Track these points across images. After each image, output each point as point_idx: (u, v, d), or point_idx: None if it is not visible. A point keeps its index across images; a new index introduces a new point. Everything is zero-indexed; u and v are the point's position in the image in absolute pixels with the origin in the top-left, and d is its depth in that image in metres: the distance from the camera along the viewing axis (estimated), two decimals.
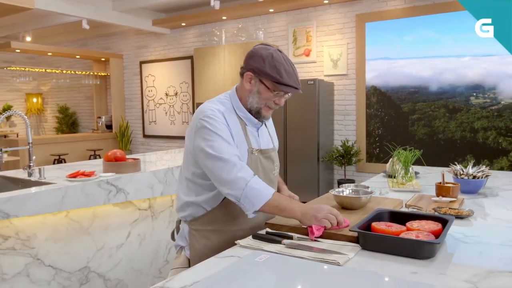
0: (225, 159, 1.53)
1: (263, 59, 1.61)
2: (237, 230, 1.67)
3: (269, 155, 1.75)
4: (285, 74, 1.60)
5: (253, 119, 1.69)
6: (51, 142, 7.62)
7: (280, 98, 1.67)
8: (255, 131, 1.72)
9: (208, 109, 1.62)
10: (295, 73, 1.63)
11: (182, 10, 7.56)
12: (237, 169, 1.52)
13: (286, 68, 1.60)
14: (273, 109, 1.70)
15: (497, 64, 5.16)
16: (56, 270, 2.56)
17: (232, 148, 1.57)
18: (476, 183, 2.18)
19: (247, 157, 1.65)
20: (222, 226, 1.68)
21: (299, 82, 1.64)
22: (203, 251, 1.65)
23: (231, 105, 1.69)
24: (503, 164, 5.15)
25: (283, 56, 1.64)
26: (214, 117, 1.59)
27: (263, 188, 1.53)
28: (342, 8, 6.14)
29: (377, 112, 6.00)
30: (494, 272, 1.19)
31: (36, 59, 10.29)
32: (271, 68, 1.59)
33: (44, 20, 7.64)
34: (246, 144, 1.66)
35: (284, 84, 1.60)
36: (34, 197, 2.41)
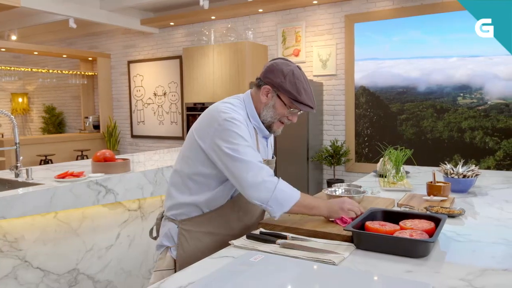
0: (252, 162, 1.53)
1: (284, 75, 1.62)
2: (229, 235, 1.64)
3: (272, 166, 1.77)
4: (303, 92, 1.62)
5: (265, 130, 1.71)
6: (37, 143, 7.51)
7: (294, 115, 1.69)
8: (264, 141, 1.75)
9: (231, 111, 1.60)
10: (312, 92, 1.66)
11: (171, 9, 7.52)
12: (265, 172, 1.54)
13: (305, 87, 1.63)
14: (285, 125, 1.72)
15: (483, 64, 5.23)
16: (44, 272, 2.51)
17: (256, 153, 1.59)
18: (466, 182, 2.20)
19: None
20: (215, 229, 1.66)
21: (314, 102, 1.66)
22: (193, 253, 1.62)
23: (245, 111, 1.69)
24: (489, 164, 5.22)
25: (302, 74, 1.66)
26: (238, 121, 1.58)
27: (291, 190, 1.57)
28: (331, 9, 6.16)
29: (366, 112, 6.04)
30: (488, 270, 1.20)
31: (22, 58, 10.13)
32: (291, 85, 1.61)
33: (30, 19, 7.53)
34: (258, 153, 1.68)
35: (301, 102, 1.62)
36: (22, 198, 2.37)
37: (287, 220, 1.62)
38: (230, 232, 1.66)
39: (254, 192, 1.51)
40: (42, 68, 8.57)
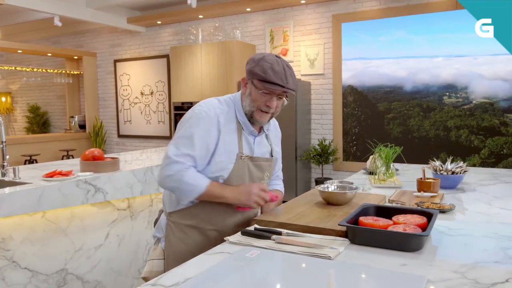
0: (170, 158, 1.60)
1: (255, 61, 1.65)
2: (212, 230, 1.69)
3: (259, 164, 1.75)
4: (271, 72, 1.59)
5: (250, 126, 1.71)
6: (22, 143, 7.39)
7: (271, 100, 1.65)
8: (251, 138, 1.74)
9: (206, 106, 1.67)
10: (286, 73, 1.62)
11: (158, 8, 7.47)
12: (177, 166, 1.59)
13: (275, 67, 1.60)
14: (268, 114, 1.68)
15: (469, 64, 5.31)
16: (32, 273, 2.48)
17: (191, 150, 1.61)
18: (455, 178, 2.24)
19: (235, 161, 1.67)
20: (198, 223, 1.70)
21: (288, 82, 1.61)
22: (177, 245, 1.69)
23: (234, 107, 1.72)
24: (475, 161, 5.31)
25: (277, 59, 1.64)
26: (205, 114, 1.63)
27: (197, 182, 1.60)
28: (318, 8, 6.20)
29: (353, 111, 6.08)
30: (480, 263, 1.22)
31: (5, 57, 9.94)
32: (259, 67, 1.62)
33: (14, 16, 7.40)
34: (237, 148, 1.68)
35: (269, 81, 1.60)
36: (9, 198, 2.33)
37: (282, 216, 1.62)
38: (213, 227, 1.70)
39: (164, 183, 1.63)
40: (26, 67, 8.43)
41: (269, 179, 1.84)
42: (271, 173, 1.84)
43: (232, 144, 1.67)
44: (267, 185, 1.68)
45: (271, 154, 1.85)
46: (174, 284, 1.09)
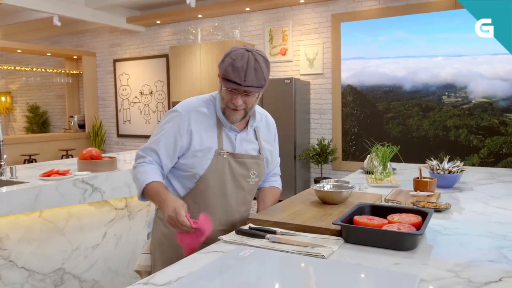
0: (138, 152, 1.68)
1: (224, 56, 1.60)
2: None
3: (242, 161, 1.70)
4: (230, 69, 1.53)
5: (227, 123, 1.66)
6: (21, 142, 7.39)
7: (236, 98, 1.58)
8: (232, 135, 1.69)
9: (184, 104, 1.69)
10: (247, 70, 1.52)
11: (157, 7, 7.47)
12: (139, 160, 1.66)
13: (236, 64, 1.52)
14: (239, 111, 1.61)
15: (468, 64, 5.31)
16: (29, 272, 2.48)
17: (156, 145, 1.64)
18: (452, 177, 2.23)
19: (213, 157, 1.63)
20: None
21: (246, 79, 1.52)
22: (161, 240, 1.70)
23: (213, 105, 1.69)
24: (474, 161, 5.30)
25: (244, 54, 1.55)
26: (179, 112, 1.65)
27: (142, 178, 1.60)
28: (318, 8, 6.19)
29: (352, 111, 6.08)
30: (474, 262, 1.21)
31: (5, 57, 9.94)
32: (222, 64, 1.58)
33: (14, 16, 7.40)
34: (216, 144, 1.65)
35: (226, 78, 1.55)
36: (6, 197, 2.33)
37: (276, 215, 1.62)
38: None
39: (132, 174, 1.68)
40: (26, 67, 8.44)
41: (258, 178, 1.77)
42: (260, 172, 1.77)
43: (209, 140, 1.64)
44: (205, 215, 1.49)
45: (259, 152, 1.77)
46: (166, 283, 1.09)
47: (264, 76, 1.57)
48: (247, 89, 1.55)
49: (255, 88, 1.56)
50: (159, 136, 1.65)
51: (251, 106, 1.63)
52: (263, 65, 1.57)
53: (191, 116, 1.64)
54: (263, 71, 1.56)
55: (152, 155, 1.64)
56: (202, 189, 1.65)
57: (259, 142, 1.78)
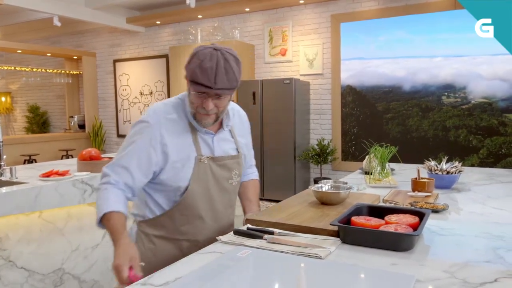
0: (104, 170, 1.49)
1: (190, 57, 1.46)
2: (183, 240, 1.57)
3: (223, 163, 1.60)
4: (198, 70, 1.40)
5: (201, 128, 1.55)
6: (21, 142, 7.40)
7: (206, 101, 1.45)
8: (208, 138, 1.58)
9: (150, 113, 1.52)
10: (217, 71, 1.40)
11: (157, 8, 7.48)
12: (103, 179, 1.48)
13: (204, 64, 1.39)
14: (210, 115, 1.49)
15: (467, 64, 5.32)
16: (29, 272, 2.48)
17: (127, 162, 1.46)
18: (450, 178, 2.24)
19: (194, 165, 1.52)
20: (168, 234, 1.57)
21: (217, 82, 1.40)
22: (148, 256, 1.56)
23: (183, 109, 1.56)
24: (473, 161, 5.31)
25: (213, 53, 1.42)
26: (146, 123, 1.49)
27: (102, 206, 1.42)
28: (317, 8, 6.20)
29: (352, 111, 6.09)
30: (470, 262, 1.22)
31: (5, 57, 9.94)
32: (189, 65, 1.44)
33: (14, 16, 7.41)
34: (195, 151, 1.53)
35: (194, 81, 1.42)
36: (6, 197, 2.34)
37: (274, 216, 1.62)
38: (184, 237, 1.57)
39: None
40: (26, 67, 8.45)
41: (239, 177, 1.69)
42: (240, 170, 1.69)
43: (186, 148, 1.52)
44: (140, 271, 1.30)
45: (237, 150, 1.68)
46: (164, 283, 1.10)
47: (235, 77, 1.45)
48: (218, 92, 1.42)
49: (227, 90, 1.44)
50: (129, 151, 1.48)
51: (223, 109, 1.51)
52: (234, 65, 1.44)
53: (162, 125, 1.49)
54: (235, 72, 1.44)
55: (122, 173, 1.46)
56: (188, 200, 1.53)
57: (235, 140, 1.69)
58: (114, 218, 1.39)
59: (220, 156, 1.60)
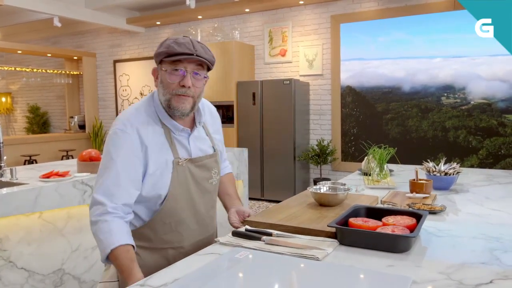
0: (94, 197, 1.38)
1: (160, 44, 1.47)
2: (168, 248, 1.51)
3: (202, 164, 1.55)
4: (175, 45, 1.41)
5: (178, 125, 1.49)
6: (21, 143, 7.41)
7: (185, 78, 1.42)
8: (184, 139, 1.52)
9: (122, 122, 1.44)
10: (193, 43, 1.42)
11: (157, 8, 7.49)
12: (98, 211, 1.36)
13: (179, 40, 1.41)
14: (188, 97, 1.44)
15: (467, 65, 5.33)
16: (29, 273, 2.49)
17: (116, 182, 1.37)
18: (448, 179, 2.25)
19: (173, 169, 1.46)
20: (151, 244, 1.50)
21: (197, 50, 1.41)
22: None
23: (154, 109, 1.49)
24: (473, 162, 5.32)
25: (184, 36, 1.46)
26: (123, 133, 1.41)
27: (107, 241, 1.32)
28: (317, 9, 6.21)
29: (352, 112, 6.10)
30: (467, 264, 1.23)
31: (5, 57, 9.96)
32: (162, 47, 1.44)
33: (14, 17, 7.43)
34: (172, 155, 1.47)
35: (174, 53, 1.40)
36: (6, 198, 2.35)
37: (273, 217, 1.63)
38: (168, 245, 1.51)
39: (91, 227, 1.40)
40: (26, 67, 8.46)
41: (218, 175, 1.65)
42: (219, 168, 1.65)
43: (163, 152, 1.46)
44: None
45: (213, 148, 1.64)
46: (162, 285, 1.11)
47: (211, 53, 1.48)
48: (200, 59, 1.41)
49: (207, 60, 1.44)
50: (115, 168, 1.38)
51: (199, 92, 1.48)
52: (206, 47, 1.49)
53: (139, 130, 1.43)
54: (209, 49, 1.48)
55: (116, 193, 1.37)
56: (169, 207, 1.47)
57: (210, 138, 1.64)
58: (122, 253, 1.31)
59: (198, 157, 1.55)
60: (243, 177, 4.44)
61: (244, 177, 4.49)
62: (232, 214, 1.68)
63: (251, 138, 6.17)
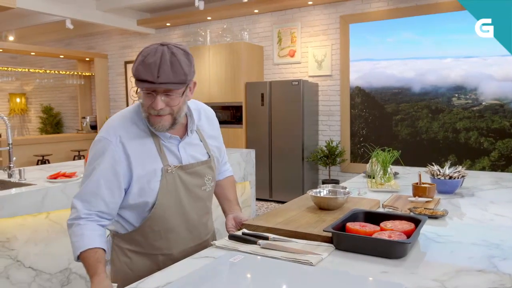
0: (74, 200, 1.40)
1: (136, 57, 1.36)
2: (159, 254, 1.51)
3: (194, 171, 1.51)
4: (141, 67, 1.30)
5: (165, 133, 1.44)
6: (35, 143, 7.53)
7: (155, 101, 1.34)
8: (174, 146, 1.48)
9: (107, 129, 1.42)
10: (161, 65, 1.30)
11: (167, 10, 7.54)
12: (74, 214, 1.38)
13: (147, 60, 1.30)
14: (163, 116, 1.37)
15: (478, 65, 5.25)
16: (36, 272, 2.53)
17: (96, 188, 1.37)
18: (453, 183, 2.22)
19: (161, 177, 1.43)
20: (141, 249, 1.50)
21: (160, 76, 1.29)
22: (124, 270, 1.51)
23: (142, 118, 1.44)
24: (484, 164, 5.24)
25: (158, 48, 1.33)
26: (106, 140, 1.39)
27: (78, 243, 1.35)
28: (326, 9, 6.18)
29: (361, 113, 6.06)
30: (463, 271, 1.21)
31: (19, 59, 10.14)
32: (135, 61, 1.34)
33: (27, 20, 7.55)
34: (161, 163, 1.43)
35: (138, 79, 1.32)
36: (14, 199, 2.39)
37: (271, 221, 1.63)
38: (158, 251, 1.50)
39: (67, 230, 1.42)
40: (39, 69, 8.60)
41: (213, 181, 1.61)
42: (214, 174, 1.60)
43: (150, 160, 1.42)
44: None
45: (208, 154, 1.58)
46: None
47: (183, 70, 1.33)
48: (162, 86, 1.31)
49: (173, 84, 1.32)
50: (95, 175, 1.38)
51: (177, 109, 1.39)
52: (182, 58, 1.34)
53: (123, 139, 1.40)
54: (182, 65, 1.33)
55: (92, 201, 1.37)
56: (158, 215, 1.45)
57: (204, 144, 1.58)
58: (90, 255, 1.32)
59: (189, 164, 1.50)
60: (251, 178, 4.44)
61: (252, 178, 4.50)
62: (230, 221, 1.67)
63: (259, 139, 6.18)
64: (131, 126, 1.43)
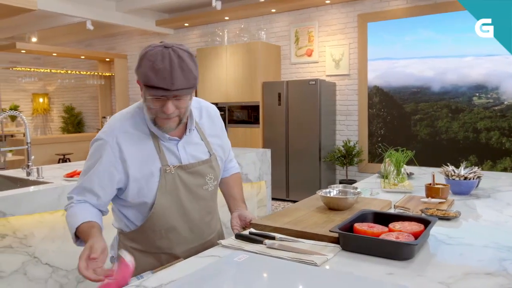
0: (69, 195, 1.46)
1: (139, 58, 1.35)
2: (161, 253, 1.52)
3: (194, 170, 1.50)
4: (152, 73, 1.29)
5: (165, 134, 1.44)
6: (57, 142, 7.70)
7: (166, 105, 1.34)
8: (173, 146, 1.48)
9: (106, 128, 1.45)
10: (173, 71, 1.29)
11: (185, 10, 7.60)
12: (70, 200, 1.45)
13: (157, 65, 1.29)
14: (171, 119, 1.38)
15: (500, 64, 5.12)
16: (53, 268, 2.59)
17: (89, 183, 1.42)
18: (468, 184, 2.17)
19: (160, 177, 1.43)
20: (143, 247, 1.52)
21: (174, 82, 1.29)
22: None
23: (143, 118, 1.45)
24: (506, 165, 5.11)
25: (164, 52, 1.31)
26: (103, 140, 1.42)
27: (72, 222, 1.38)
28: (344, 8, 6.13)
29: (379, 112, 5.98)
30: (471, 274, 1.19)
31: (42, 60, 10.39)
32: (141, 68, 1.33)
33: (49, 21, 7.72)
34: (159, 163, 1.44)
35: (149, 85, 1.31)
36: (31, 196, 2.45)
37: (278, 220, 1.63)
38: (160, 250, 1.52)
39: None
40: (61, 69, 8.79)
41: (216, 180, 1.59)
42: (216, 173, 1.58)
43: (148, 161, 1.43)
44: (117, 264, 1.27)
45: (209, 153, 1.56)
46: (158, 286, 1.13)
47: (193, 74, 1.34)
48: (177, 93, 1.31)
49: (186, 90, 1.33)
50: (90, 174, 1.42)
51: (184, 110, 1.40)
52: (189, 61, 1.34)
53: (119, 140, 1.41)
54: (191, 69, 1.33)
55: (86, 194, 1.43)
56: (158, 215, 1.45)
57: (205, 142, 1.57)
58: (84, 227, 1.35)
59: (190, 163, 1.49)
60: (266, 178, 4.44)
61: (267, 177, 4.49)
62: (234, 219, 1.67)
63: (276, 139, 6.17)
64: (130, 127, 1.44)
